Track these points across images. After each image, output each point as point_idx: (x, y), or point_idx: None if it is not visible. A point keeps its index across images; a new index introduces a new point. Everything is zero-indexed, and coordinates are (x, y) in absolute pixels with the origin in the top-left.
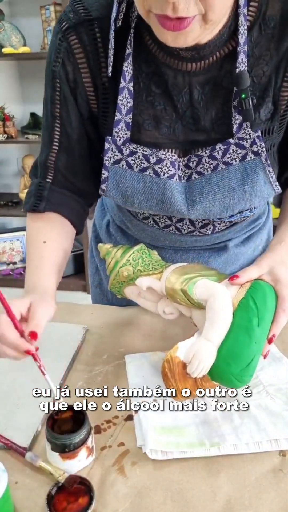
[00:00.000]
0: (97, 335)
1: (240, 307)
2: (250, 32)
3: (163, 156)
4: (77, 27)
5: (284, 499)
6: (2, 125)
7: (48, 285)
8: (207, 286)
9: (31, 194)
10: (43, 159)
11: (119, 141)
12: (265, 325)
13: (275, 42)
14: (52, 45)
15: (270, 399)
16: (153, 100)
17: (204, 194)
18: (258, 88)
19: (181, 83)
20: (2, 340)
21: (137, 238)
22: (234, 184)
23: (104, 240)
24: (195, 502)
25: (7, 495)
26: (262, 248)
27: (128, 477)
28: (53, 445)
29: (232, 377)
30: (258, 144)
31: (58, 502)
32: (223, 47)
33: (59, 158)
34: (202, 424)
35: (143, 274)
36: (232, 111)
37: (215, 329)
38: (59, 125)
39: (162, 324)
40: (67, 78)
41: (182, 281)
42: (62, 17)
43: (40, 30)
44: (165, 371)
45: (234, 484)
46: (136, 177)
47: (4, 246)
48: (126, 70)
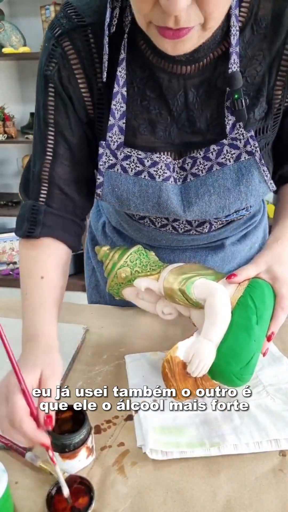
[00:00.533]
0: (97, 335)
1: (238, 306)
2: (242, 32)
3: (157, 159)
4: (71, 33)
5: (284, 499)
6: (2, 125)
7: (52, 334)
8: (205, 285)
9: (24, 218)
10: (36, 171)
11: (113, 145)
12: (264, 323)
13: (268, 42)
14: (44, 51)
15: (270, 399)
16: (148, 104)
17: (199, 195)
18: (252, 88)
19: (176, 86)
20: (18, 428)
21: (133, 238)
22: (229, 185)
23: (100, 242)
24: (195, 502)
25: (7, 495)
26: (259, 246)
27: (128, 477)
28: (53, 445)
29: (233, 375)
30: (252, 144)
31: (58, 502)
32: (216, 48)
33: (53, 169)
34: (202, 424)
35: (141, 275)
36: (225, 112)
37: (214, 328)
38: (53, 133)
39: (162, 324)
40: (62, 83)
41: (180, 281)
42: (54, 23)
43: (40, 30)
44: (165, 371)
45: (234, 484)
46: (131, 181)
47: (4, 246)
48: (119, 75)
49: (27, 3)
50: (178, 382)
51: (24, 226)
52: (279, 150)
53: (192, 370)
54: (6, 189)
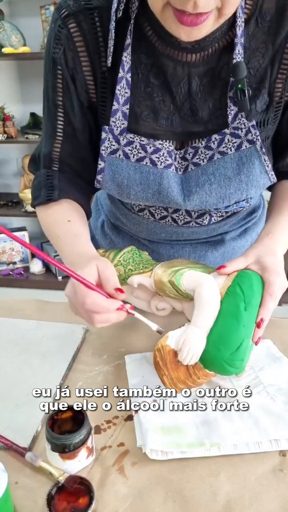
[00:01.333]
0: (97, 335)
1: (227, 295)
2: (247, 25)
3: (160, 146)
4: (77, 15)
5: (284, 499)
6: (2, 125)
7: (94, 252)
8: (194, 276)
9: (41, 185)
10: (47, 150)
11: (116, 130)
12: (253, 309)
13: (271, 35)
14: (51, 32)
15: (270, 399)
16: (151, 91)
17: (200, 184)
18: (254, 80)
19: (180, 74)
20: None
21: (133, 234)
22: (230, 174)
23: (99, 241)
24: (195, 502)
25: (7, 495)
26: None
27: (128, 477)
28: (53, 445)
29: (224, 361)
30: (253, 133)
31: (58, 502)
32: (222, 39)
33: (63, 148)
34: (202, 424)
35: (134, 273)
36: (228, 102)
37: (203, 315)
38: (63, 114)
39: (162, 324)
40: (68, 66)
41: (170, 273)
42: (61, 4)
43: (40, 30)
44: (156, 360)
45: (234, 484)
46: (132, 167)
47: (4, 246)
48: (125, 60)
49: (27, 3)
50: (170, 370)
51: (42, 193)
52: (277, 145)
53: (183, 357)
54: (6, 189)
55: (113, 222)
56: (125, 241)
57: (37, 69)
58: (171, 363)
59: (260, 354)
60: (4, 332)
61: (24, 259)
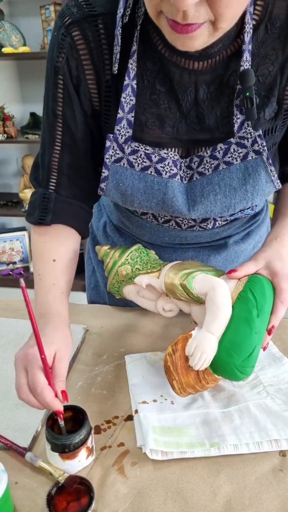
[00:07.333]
0: (97, 335)
1: (239, 300)
2: (256, 31)
3: (165, 155)
4: (81, 22)
5: (284, 499)
6: (2, 125)
7: (64, 311)
8: (206, 279)
9: (36, 206)
10: (45, 160)
11: (120, 139)
12: (265, 316)
13: (281, 42)
14: (54, 40)
15: (270, 399)
16: (157, 98)
17: (205, 194)
18: (263, 87)
19: (187, 81)
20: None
21: (135, 236)
22: (235, 184)
23: (101, 242)
24: (195, 502)
25: (7, 495)
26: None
27: (128, 477)
28: (53, 445)
29: (235, 368)
30: (260, 143)
31: (58, 502)
32: (229, 46)
33: (62, 158)
34: (202, 424)
35: (142, 273)
36: (234, 110)
37: (216, 321)
38: (61, 124)
39: (162, 325)
40: (71, 75)
41: (181, 276)
42: (64, 11)
43: (40, 30)
44: (167, 365)
45: (234, 484)
46: (137, 176)
47: (4, 246)
48: (130, 67)
49: (27, 3)
50: (180, 375)
51: (35, 213)
52: (283, 149)
53: (195, 363)
54: (6, 189)
55: (116, 224)
56: (127, 243)
57: (37, 69)
58: (182, 368)
59: (260, 354)
60: (4, 332)
61: (24, 259)
